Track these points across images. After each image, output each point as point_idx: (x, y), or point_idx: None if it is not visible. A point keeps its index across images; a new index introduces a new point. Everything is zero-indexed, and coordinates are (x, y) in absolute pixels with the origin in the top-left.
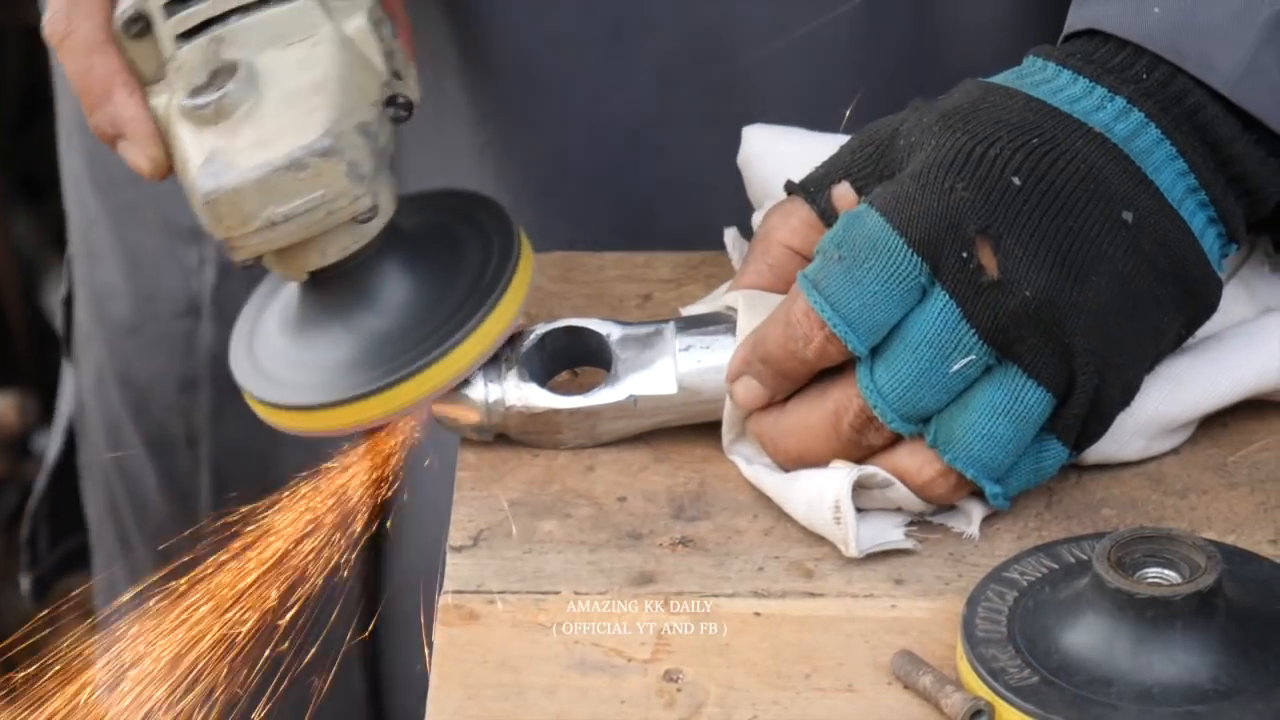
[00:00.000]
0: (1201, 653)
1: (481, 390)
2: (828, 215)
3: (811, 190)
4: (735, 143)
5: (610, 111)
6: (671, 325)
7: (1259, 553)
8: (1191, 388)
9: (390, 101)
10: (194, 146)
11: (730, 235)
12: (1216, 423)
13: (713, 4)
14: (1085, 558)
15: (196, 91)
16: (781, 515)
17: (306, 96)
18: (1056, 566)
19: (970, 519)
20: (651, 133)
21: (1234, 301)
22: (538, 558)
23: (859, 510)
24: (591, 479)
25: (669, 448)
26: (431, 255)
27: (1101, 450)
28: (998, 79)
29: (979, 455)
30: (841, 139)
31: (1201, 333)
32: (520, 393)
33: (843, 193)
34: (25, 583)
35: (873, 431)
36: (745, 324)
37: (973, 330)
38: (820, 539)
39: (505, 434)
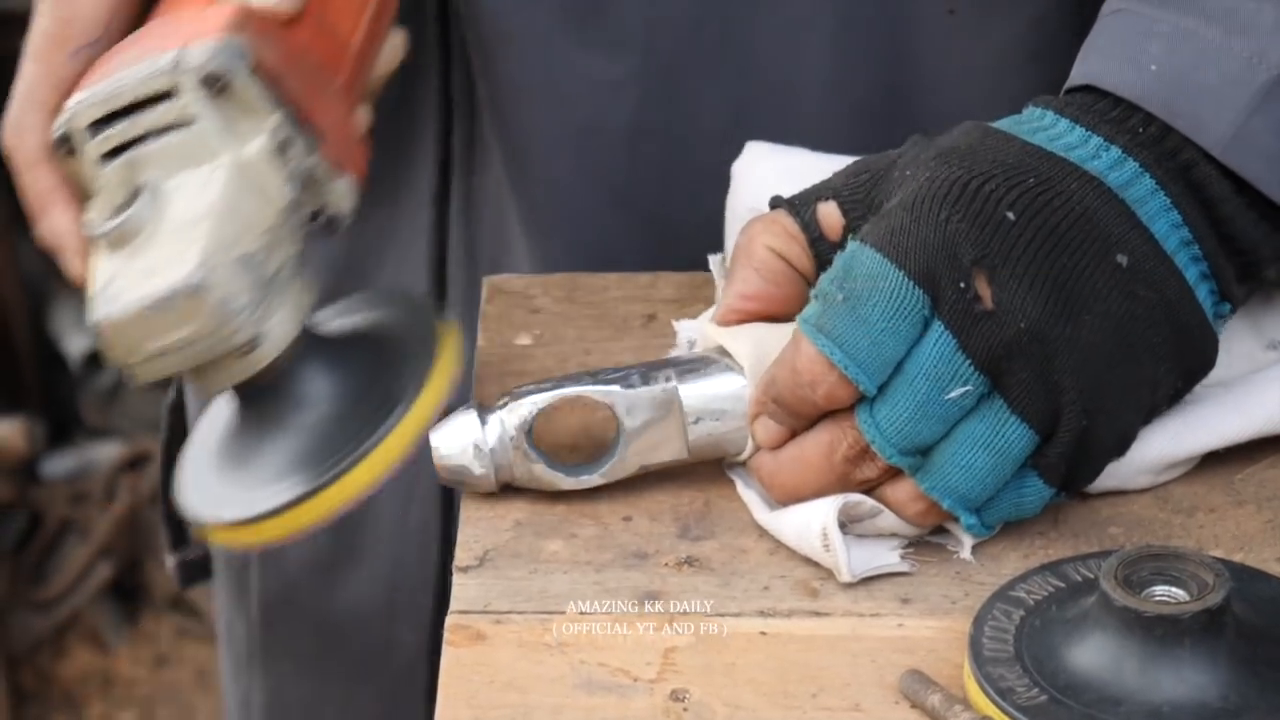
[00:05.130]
0: (1210, 671)
1: (491, 475)
2: (810, 229)
3: (796, 204)
4: (702, 185)
5: (581, 157)
6: (677, 389)
7: (1267, 570)
8: (1199, 430)
9: (314, 216)
10: (99, 269)
11: (715, 261)
12: None
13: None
14: (1092, 576)
15: (115, 211)
16: None
17: (189, 227)
18: (1063, 585)
19: (961, 542)
20: (619, 180)
21: (1238, 336)
22: (544, 578)
23: (854, 535)
24: (596, 499)
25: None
26: (352, 360)
27: (1105, 483)
28: (998, 124)
29: (955, 485)
30: (840, 159)
31: (1209, 377)
32: (528, 471)
33: (828, 211)
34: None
35: (866, 464)
36: (753, 369)
37: (968, 360)
38: None
39: None
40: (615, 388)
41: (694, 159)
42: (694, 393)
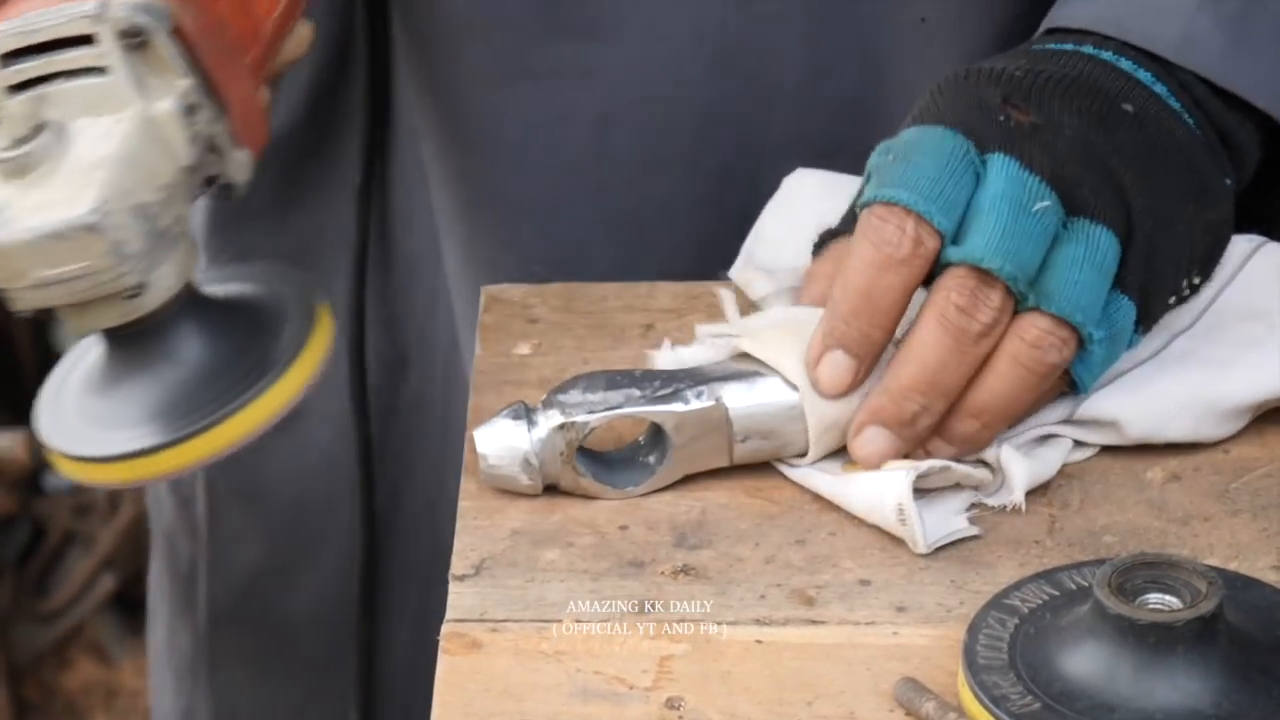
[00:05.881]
0: (1203, 679)
1: (539, 484)
2: None
3: (848, 227)
4: (674, 182)
5: (549, 150)
6: (727, 409)
7: (1261, 579)
8: (1238, 372)
9: (209, 182)
10: None
11: (742, 269)
12: (1218, 449)
13: (651, 51)
14: (1086, 584)
15: (15, 143)
16: (783, 543)
17: (90, 170)
18: (1058, 593)
19: (1013, 488)
20: (593, 171)
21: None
22: (540, 586)
23: (919, 493)
24: (593, 508)
25: None
26: (230, 325)
27: (1148, 425)
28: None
29: (1076, 299)
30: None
31: (1257, 305)
32: (575, 482)
33: None
34: None
35: (981, 307)
36: (806, 386)
37: (1036, 176)
38: (820, 568)
39: None
40: (666, 408)
41: (666, 153)
42: (744, 412)
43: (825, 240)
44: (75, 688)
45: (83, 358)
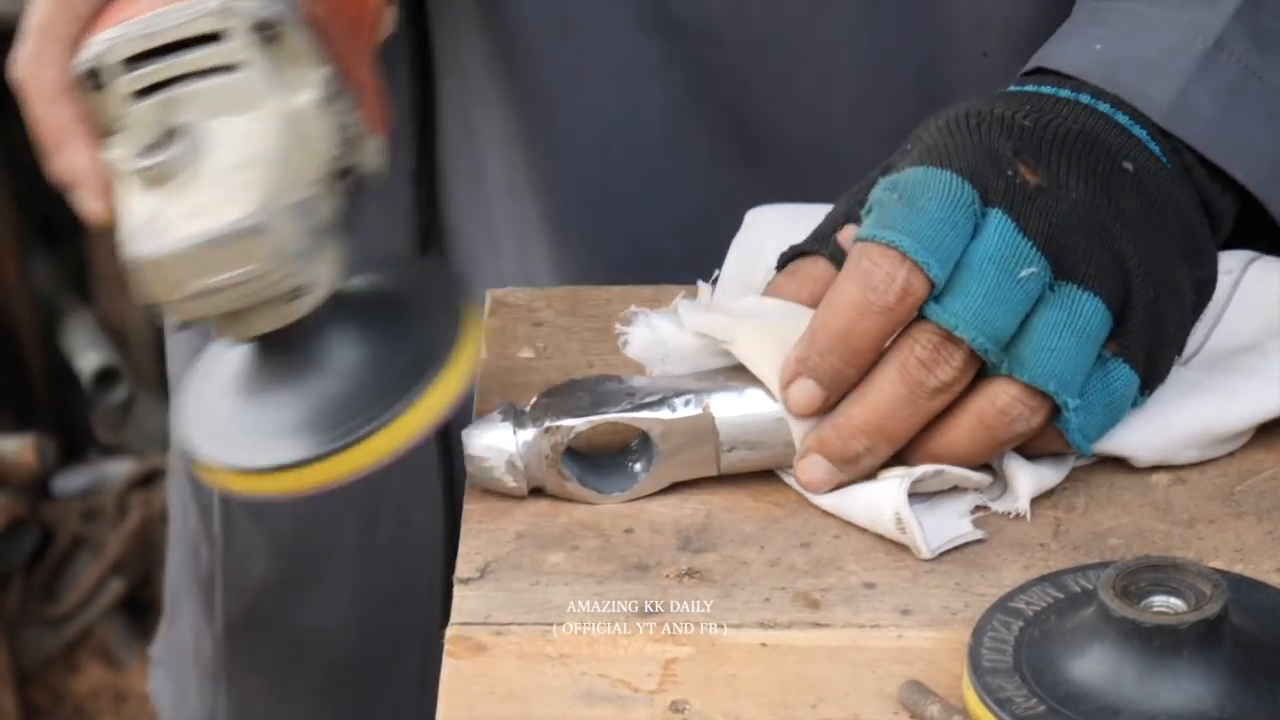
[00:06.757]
0: (1208, 681)
1: (524, 486)
2: (838, 259)
3: (815, 246)
4: (741, 175)
5: (624, 142)
6: (713, 418)
7: (1266, 581)
8: (1242, 400)
9: (344, 174)
10: (134, 206)
11: (705, 291)
12: None
13: (721, 40)
14: (1091, 587)
15: (147, 150)
16: (788, 546)
17: (242, 170)
18: (1062, 596)
19: (1018, 495)
20: (663, 164)
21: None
22: (545, 589)
23: (922, 496)
24: (598, 511)
25: None
26: (379, 324)
27: (1156, 457)
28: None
29: (1051, 368)
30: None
31: (1247, 339)
32: (561, 486)
33: (850, 233)
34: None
35: (941, 365)
36: (766, 368)
37: (1029, 241)
38: (825, 571)
39: None
40: (652, 414)
41: (732, 150)
42: (731, 422)
43: (790, 257)
44: (84, 692)
45: (222, 363)
